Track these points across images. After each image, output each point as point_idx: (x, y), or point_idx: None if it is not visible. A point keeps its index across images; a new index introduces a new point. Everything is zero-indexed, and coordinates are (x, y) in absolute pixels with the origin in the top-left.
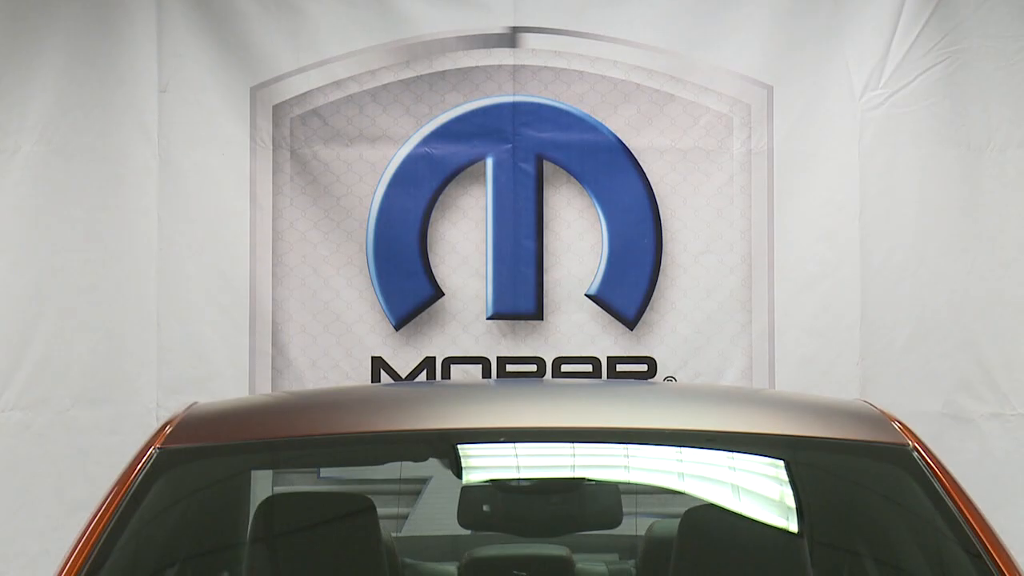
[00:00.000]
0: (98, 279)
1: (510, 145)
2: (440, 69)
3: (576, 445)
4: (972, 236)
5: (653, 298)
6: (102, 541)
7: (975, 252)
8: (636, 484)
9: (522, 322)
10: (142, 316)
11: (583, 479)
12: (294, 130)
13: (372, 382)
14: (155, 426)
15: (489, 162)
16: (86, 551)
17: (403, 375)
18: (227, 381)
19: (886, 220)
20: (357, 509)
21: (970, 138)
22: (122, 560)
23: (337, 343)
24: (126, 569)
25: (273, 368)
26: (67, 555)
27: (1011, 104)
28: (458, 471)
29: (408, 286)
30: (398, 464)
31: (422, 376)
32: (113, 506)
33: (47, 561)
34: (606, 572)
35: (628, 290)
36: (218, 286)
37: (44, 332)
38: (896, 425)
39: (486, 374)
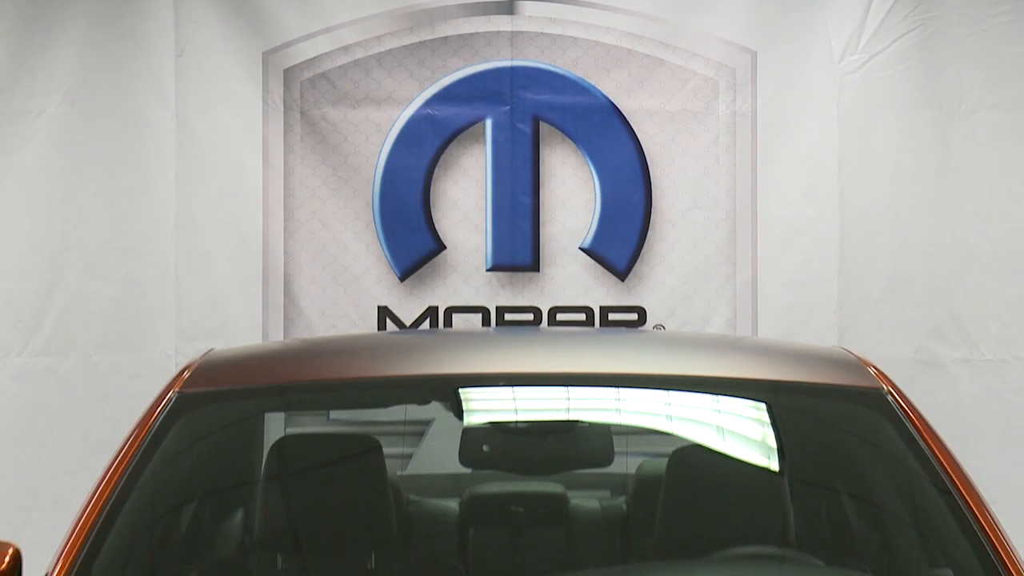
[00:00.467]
0: (119, 234)
1: (508, 107)
2: (442, 35)
3: (570, 389)
4: (944, 194)
5: (643, 251)
6: (124, 480)
7: (947, 209)
8: (626, 426)
9: (519, 274)
10: (161, 268)
11: (577, 421)
12: (304, 93)
13: (378, 330)
14: (174, 371)
15: (488, 123)
16: (109, 489)
17: (407, 323)
18: (242, 329)
19: (863, 178)
20: (364, 449)
21: (943, 101)
22: (143, 497)
23: (345, 293)
24: (147, 506)
25: (285, 317)
26: (91, 493)
27: (982, 68)
28: (459, 413)
29: (412, 240)
30: (403, 407)
31: (425, 324)
32: (134, 447)
33: (73, 498)
34: (598, 508)
35: (619, 244)
36: (233, 240)
37: (69, 283)
38: (871, 370)
39: (485, 323)
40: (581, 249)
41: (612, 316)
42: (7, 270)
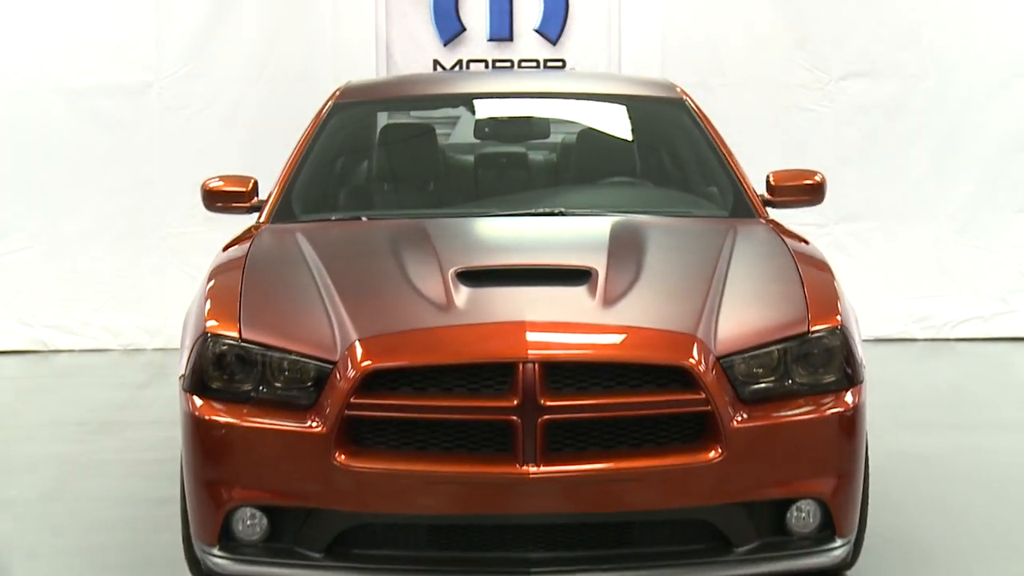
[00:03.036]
0: (305, 29)
1: None
2: None
3: (530, 99)
4: (718, 13)
5: (565, 31)
6: (307, 146)
7: (719, 18)
8: (556, 118)
9: (504, 42)
10: (326, 46)
11: (532, 116)
12: None
13: (433, 71)
14: (330, 91)
15: None
16: (299, 152)
17: (448, 67)
18: (365, 73)
19: (677, 6)
20: (427, 131)
21: None
22: (316, 156)
23: (418, 53)
24: (319, 160)
25: (386, 64)
26: (292, 153)
27: None
28: (474, 112)
29: (450, 25)
30: (445, 109)
31: (457, 67)
32: (312, 129)
33: (282, 155)
34: (542, 159)
35: (554, 27)
36: (361, 32)
37: (279, 52)
38: (678, 89)
39: (487, 67)
40: (535, 30)
41: (549, 64)
42: (248, 47)
